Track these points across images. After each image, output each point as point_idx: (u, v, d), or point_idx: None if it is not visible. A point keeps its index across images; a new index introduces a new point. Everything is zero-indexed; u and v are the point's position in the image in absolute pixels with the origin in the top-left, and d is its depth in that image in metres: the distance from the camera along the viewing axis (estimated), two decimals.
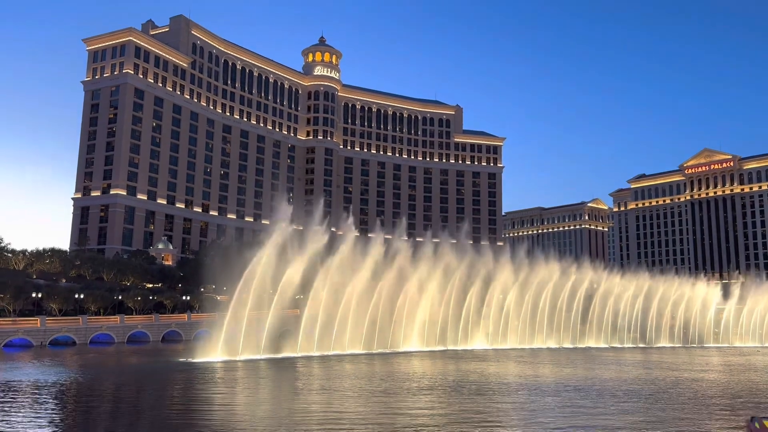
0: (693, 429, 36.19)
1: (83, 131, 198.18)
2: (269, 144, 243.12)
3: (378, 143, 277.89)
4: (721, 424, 37.94)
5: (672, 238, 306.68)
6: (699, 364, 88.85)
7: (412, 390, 51.74)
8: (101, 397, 49.73)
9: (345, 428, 35.32)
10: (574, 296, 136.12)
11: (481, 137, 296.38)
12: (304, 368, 71.94)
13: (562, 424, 36.69)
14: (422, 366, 76.98)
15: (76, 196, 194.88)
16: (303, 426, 35.62)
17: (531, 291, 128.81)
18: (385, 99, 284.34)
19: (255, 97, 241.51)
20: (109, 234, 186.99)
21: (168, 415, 41.08)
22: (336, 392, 50.77)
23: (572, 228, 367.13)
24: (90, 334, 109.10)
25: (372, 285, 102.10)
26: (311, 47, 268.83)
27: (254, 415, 40.72)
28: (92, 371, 66.22)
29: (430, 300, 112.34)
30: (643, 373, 70.41)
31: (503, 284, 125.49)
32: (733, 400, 49.14)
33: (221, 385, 56.92)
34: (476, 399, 47.27)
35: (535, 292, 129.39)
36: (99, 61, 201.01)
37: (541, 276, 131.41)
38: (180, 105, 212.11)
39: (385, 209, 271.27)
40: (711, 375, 71.11)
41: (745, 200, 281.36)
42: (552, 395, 49.41)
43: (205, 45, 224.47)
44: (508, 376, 65.23)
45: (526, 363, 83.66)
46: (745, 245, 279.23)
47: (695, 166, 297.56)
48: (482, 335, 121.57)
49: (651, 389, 54.52)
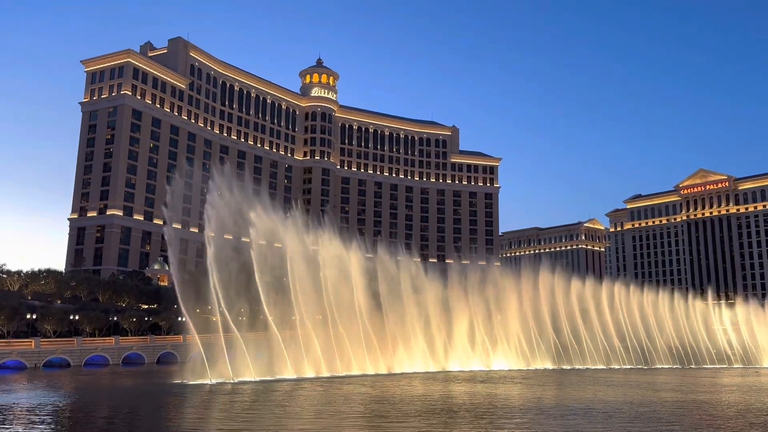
0: None
1: (80, 152, 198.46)
2: (266, 164, 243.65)
3: (375, 163, 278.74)
4: None
5: (668, 258, 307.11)
6: (706, 384, 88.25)
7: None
8: (95, 420, 49.07)
9: None
10: (573, 316, 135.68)
11: (477, 158, 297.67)
12: (305, 391, 71.18)
13: None
14: (426, 386, 76.25)
15: (72, 216, 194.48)
16: None
17: (530, 311, 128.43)
18: (381, 120, 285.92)
19: (252, 118, 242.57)
20: (105, 254, 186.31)
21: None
22: (334, 415, 50.15)
23: (569, 248, 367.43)
24: (85, 356, 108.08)
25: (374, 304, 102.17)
26: (308, 69, 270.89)
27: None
28: (86, 394, 65.42)
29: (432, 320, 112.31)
30: (674, 396, 69.86)
31: (499, 303, 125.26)
32: (746, 419, 48.64)
33: (215, 408, 56.23)
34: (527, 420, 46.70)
35: (534, 312, 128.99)
36: (97, 82, 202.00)
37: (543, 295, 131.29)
38: (177, 126, 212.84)
39: (382, 229, 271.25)
40: (723, 396, 70.40)
41: (741, 221, 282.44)
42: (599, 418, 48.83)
43: (203, 66, 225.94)
44: (514, 398, 64.63)
45: (532, 385, 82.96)
46: (742, 265, 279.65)
47: (691, 187, 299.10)
48: (477, 356, 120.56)
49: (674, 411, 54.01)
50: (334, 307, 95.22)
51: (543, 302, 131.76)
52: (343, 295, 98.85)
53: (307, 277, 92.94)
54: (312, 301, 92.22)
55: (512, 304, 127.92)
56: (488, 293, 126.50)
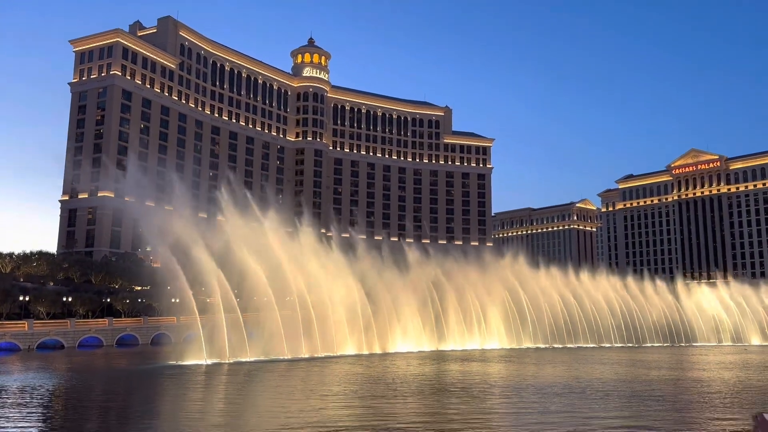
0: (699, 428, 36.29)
1: (70, 133, 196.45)
2: (258, 145, 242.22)
3: (367, 144, 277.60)
4: (729, 422, 38.01)
5: (660, 238, 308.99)
6: (697, 362, 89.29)
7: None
8: (89, 401, 49.14)
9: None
10: (563, 297, 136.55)
11: (470, 138, 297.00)
12: (294, 371, 71.50)
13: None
14: (422, 366, 76.78)
15: (63, 198, 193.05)
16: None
17: (523, 293, 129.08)
18: (374, 100, 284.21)
19: (244, 99, 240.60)
20: (97, 236, 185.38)
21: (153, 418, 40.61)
22: (329, 395, 50.42)
23: (561, 228, 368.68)
24: (78, 338, 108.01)
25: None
26: (300, 48, 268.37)
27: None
28: (80, 375, 65.48)
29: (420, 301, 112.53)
30: (663, 373, 70.60)
31: (491, 285, 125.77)
32: (736, 397, 49.28)
33: (208, 388, 56.44)
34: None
35: (526, 293, 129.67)
36: (86, 62, 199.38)
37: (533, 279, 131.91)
38: (168, 106, 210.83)
39: (375, 210, 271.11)
40: (713, 373, 71.25)
41: (732, 200, 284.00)
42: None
43: (193, 46, 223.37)
44: (511, 377, 65.16)
45: (523, 363, 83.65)
46: (732, 245, 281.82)
47: (682, 167, 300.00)
48: (469, 335, 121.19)
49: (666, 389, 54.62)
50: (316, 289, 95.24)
51: (534, 285, 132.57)
52: (331, 277, 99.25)
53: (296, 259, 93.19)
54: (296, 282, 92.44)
55: (505, 285, 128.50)
56: (480, 274, 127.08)
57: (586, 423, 37.17)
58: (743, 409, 42.90)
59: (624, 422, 37.62)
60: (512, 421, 39.00)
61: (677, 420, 38.97)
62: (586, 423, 37.17)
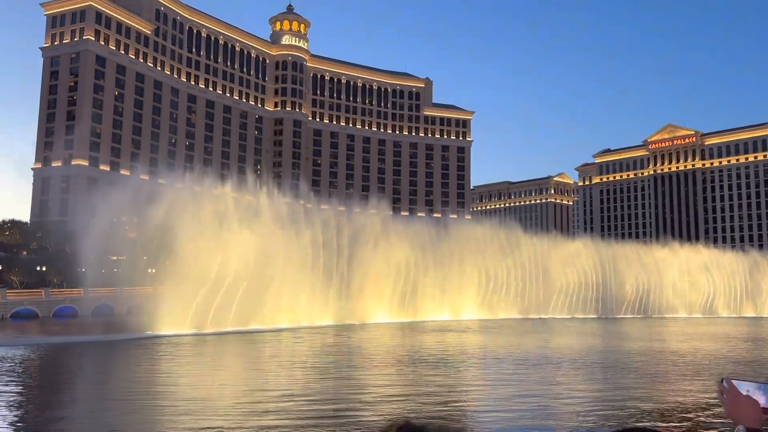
0: (663, 396, 37.03)
1: (42, 99, 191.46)
2: (236, 115, 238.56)
3: (347, 116, 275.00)
4: (695, 386, 38.88)
5: (635, 212, 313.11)
6: (674, 333, 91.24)
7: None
8: (62, 372, 48.69)
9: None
10: (538, 267, 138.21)
11: (450, 111, 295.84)
12: (275, 341, 71.58)
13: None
14: (398, 337, 77.31)
15: (36, 166, 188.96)
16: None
17: (496, 263, 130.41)
18: (354, 70, 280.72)
19: (221, 66, 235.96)
20: (72, 205, 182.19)
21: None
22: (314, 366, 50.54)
23: (539, 202, 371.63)
24: (53, 307, 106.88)
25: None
26: (279, 15, 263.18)
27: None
28: (50, 347, 64.80)
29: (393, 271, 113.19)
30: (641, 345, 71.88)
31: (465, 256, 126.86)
32: (699, 366, 50.44)
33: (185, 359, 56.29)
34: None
35: (499, 263, 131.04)
36: (58, 26, 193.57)
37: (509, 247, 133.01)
38: (143, 73, 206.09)
39: (354, 182, 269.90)
40: (694, 344, 72.93)
41: (706, 175, 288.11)
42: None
43: (168, 11, 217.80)
44: (494, 348, 65.90)
45: (500, 335, 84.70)
46: (705, 219, 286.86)
47: (659, 142, 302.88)
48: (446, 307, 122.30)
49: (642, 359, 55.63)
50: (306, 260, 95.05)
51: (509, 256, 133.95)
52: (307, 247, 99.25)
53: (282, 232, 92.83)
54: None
55: (480, 256, 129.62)
56: (457, 246, 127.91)
57: (563, 393, 37.73)
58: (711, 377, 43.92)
59: (603, 394, 38.27)
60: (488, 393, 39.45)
61: (653, 389, 39.77)
62: (563, 393, 37.73)
